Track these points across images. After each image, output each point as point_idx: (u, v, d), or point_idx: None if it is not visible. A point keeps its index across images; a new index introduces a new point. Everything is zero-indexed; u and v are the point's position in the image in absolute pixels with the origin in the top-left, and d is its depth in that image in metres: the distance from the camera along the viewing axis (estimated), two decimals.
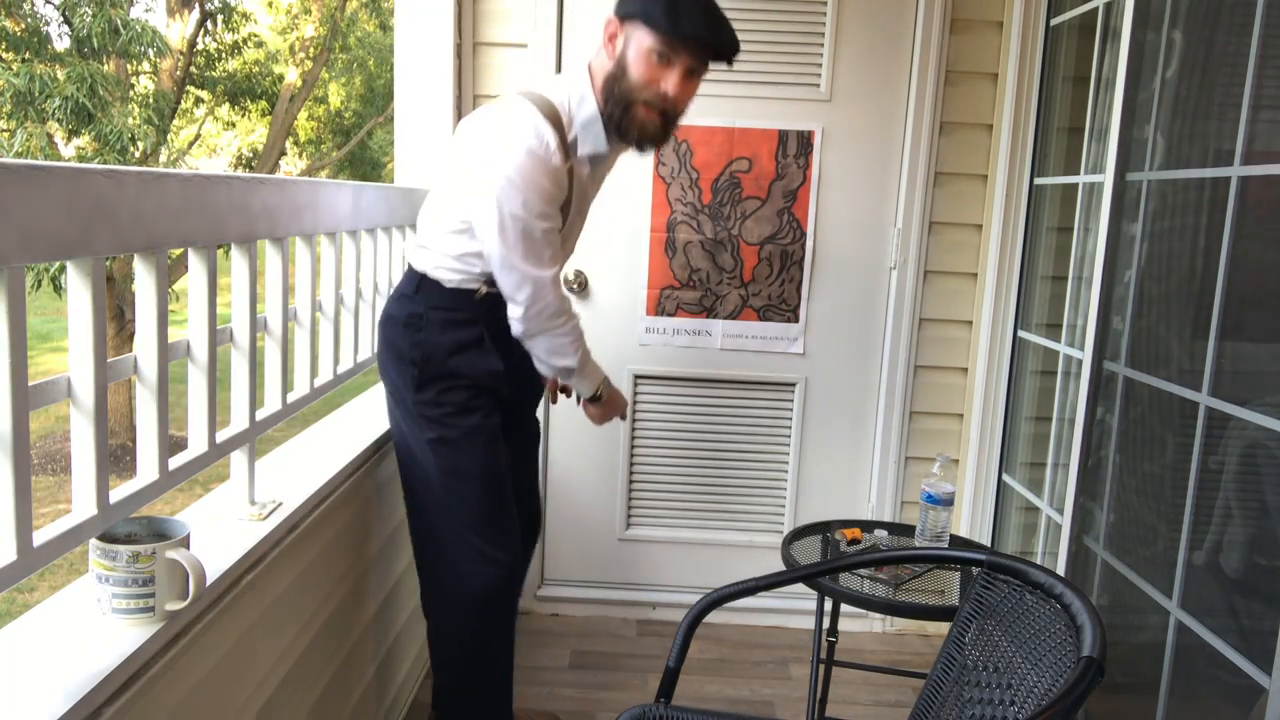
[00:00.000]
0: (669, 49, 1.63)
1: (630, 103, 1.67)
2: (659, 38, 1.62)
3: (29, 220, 0.89)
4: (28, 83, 7.22)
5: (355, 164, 14.18)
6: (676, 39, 1.62)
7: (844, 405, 2.77)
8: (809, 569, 1.66)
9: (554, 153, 1.62)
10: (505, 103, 1.69)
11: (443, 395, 1.76)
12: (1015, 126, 2.51)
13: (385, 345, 1.83)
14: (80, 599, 1.15)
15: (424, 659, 2.46)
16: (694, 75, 1.69)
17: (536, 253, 1.64)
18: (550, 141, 1.62)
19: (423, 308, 1.76)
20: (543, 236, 1.64)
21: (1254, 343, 1.66)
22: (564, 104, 1.69)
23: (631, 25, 1.64)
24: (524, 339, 1.74)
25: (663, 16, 1.60)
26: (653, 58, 1.64)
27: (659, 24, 1.61)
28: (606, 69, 1.69)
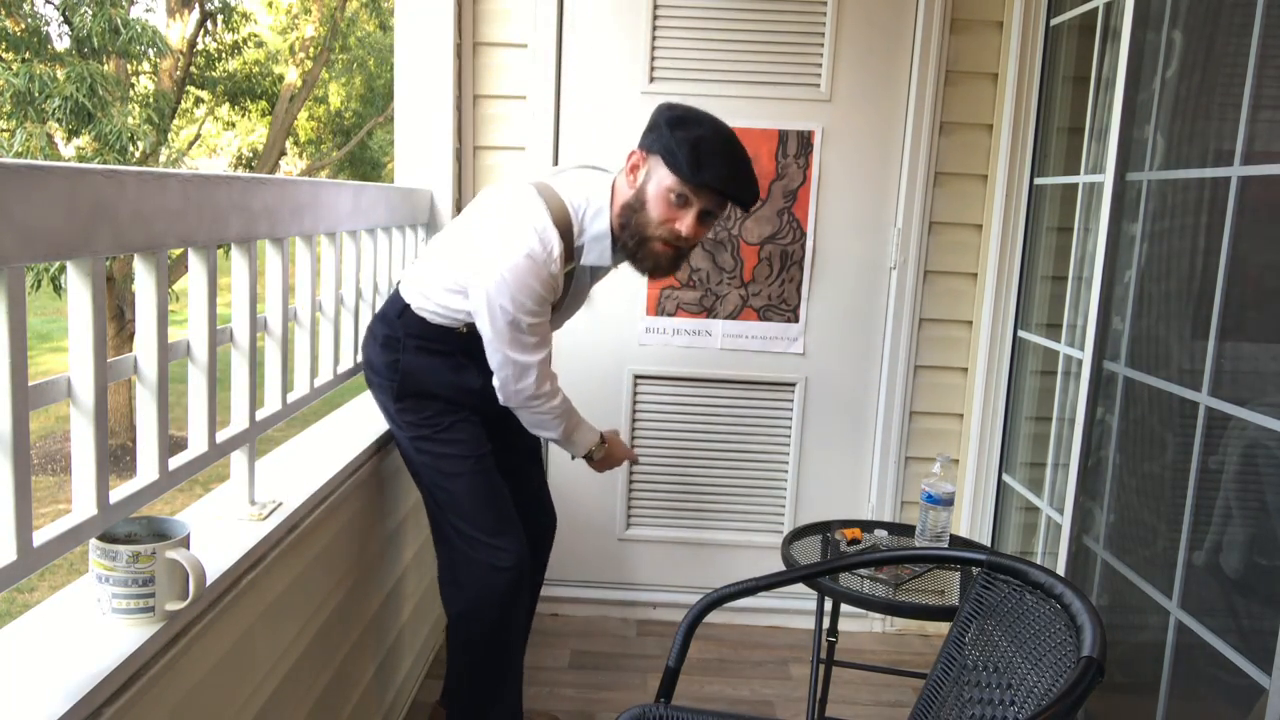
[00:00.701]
0: (689, 193, 1.65)
1: (646, 237, 1.71)
2: (680, 181, 1.64)
3: (29, 220, 0.89)
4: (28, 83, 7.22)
5: (355, 164, 14.18)
6: (697, 186, 1.64)
7: (844, 405, 2.77)
8: (809, 569, 1.66)
9: (553, 261, 1.66)
10: (523, 194, 1.72)
11: (420, 404, 1.84)
12: (1015, 126, 2.51)
13: (365, 359, 1.93)
14: (80, 599, 1.15)
15: (424, 658, 2.46)
16: (710, 217, 1.72)
17: (521, 341, 1.71)
18: (553, 250, 1.66)
19: (400, 334, 1.83)
20: (529, 329, 1.70)
21: (1254, 343, 1.66)
22: (578, 211, 1.73)
23: (655, 161, 1.67)
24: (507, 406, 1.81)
25: (685, 163, 1.62)
26: (671, 197, 1.66)
27: (681, 169, 1.63)
28: (625, 196, 1.72)
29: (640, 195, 1.69)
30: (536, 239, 1.65)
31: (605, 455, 1.96)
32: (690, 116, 1.66)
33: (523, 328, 1.69)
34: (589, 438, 1.91)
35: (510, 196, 1.75)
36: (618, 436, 2.02)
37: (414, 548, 2.31)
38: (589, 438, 1.91)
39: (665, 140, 1.64)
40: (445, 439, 1.84)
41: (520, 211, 1.69)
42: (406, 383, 1.83)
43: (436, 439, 1.84)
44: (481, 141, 2.64)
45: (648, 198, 1.68)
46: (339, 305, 1.93)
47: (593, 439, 1.92)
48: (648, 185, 1.68)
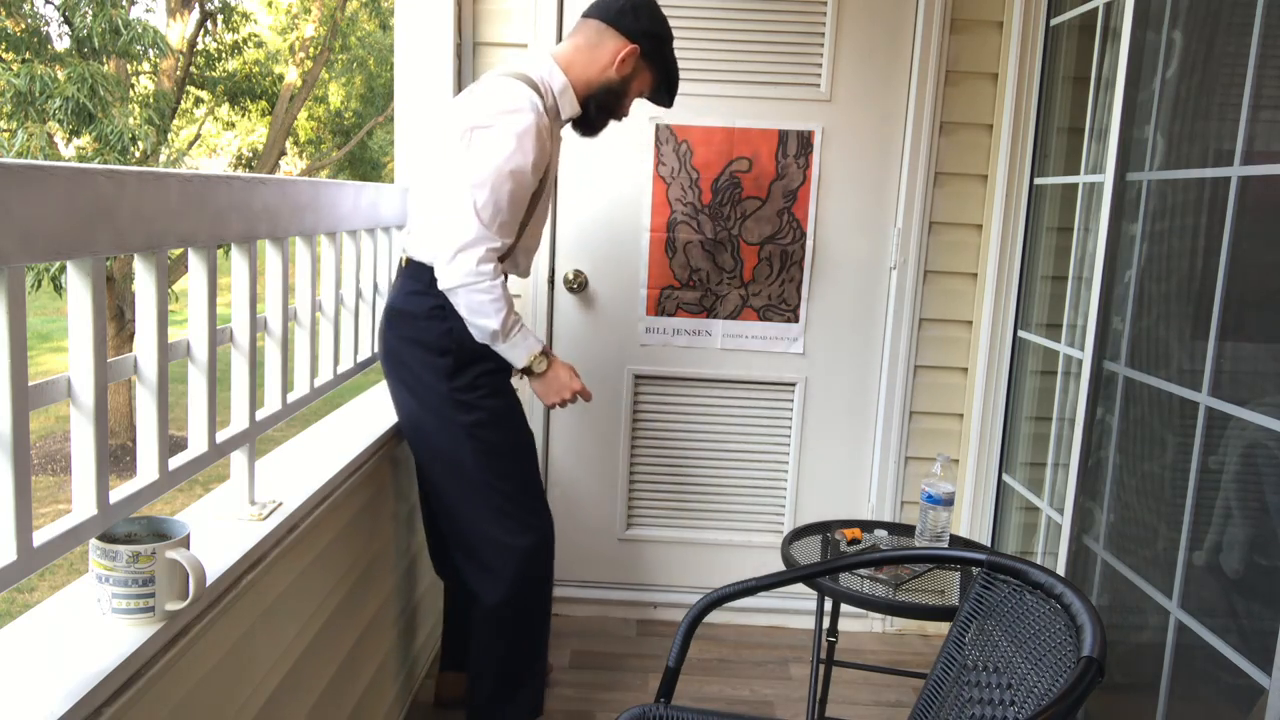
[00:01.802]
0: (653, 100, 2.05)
1: (611, 113, 2.00)
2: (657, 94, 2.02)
3: (29, 220, 0.89)
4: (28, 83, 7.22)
5: (355, 164, 14.18)
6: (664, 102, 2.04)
7: (844, 405, 2.77)
8: (809, 569, 1.66)
9: (542, 114, 1.80)
10: (491, 81, 1.86)
11: (479, 379, 1.88)
12: (1015, 126, 2.51)
13: (405, 341, 1.89)
14: (80, 599, 1.15)
15: (424, 658, 2.46)
16: None
17: (492, 211, 1.75)
18: (539, 104, 1.80)
19: (443, 299, 1.81)
20: (509, 201, 1.77)
21: (1254, 343, 1.66)
22: (540, 78, 1.89)
23: (646, 68, 1.96)
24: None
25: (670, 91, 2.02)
26: (641, 95, 2.02)
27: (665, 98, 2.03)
28: (600, 77, 1.94)
29: (625, 84, 1.95)
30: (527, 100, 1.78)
31: (550, 374, 1.89)
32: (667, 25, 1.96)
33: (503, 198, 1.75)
34: (531, 345, 1.85)
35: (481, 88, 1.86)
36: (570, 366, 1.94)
37: (414, 547, 2.31)
38: (531, 345, 1.85)
39: (663, 57, 1.96)
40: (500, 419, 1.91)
41: (502, 88, 1.82)
42: (464, 351, 1.84)
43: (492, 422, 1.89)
44: None
45: (630, 89, 1.97)
46: (339, 305, 1.93)
47: (535, 348, 1.86)
48: (632, 80, 1.96)
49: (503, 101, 1.79)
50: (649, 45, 1.92)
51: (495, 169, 1.74)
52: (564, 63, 1.92)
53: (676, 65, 2.00)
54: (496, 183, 1.74)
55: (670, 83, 2.00)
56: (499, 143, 1.76)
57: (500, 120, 1.77)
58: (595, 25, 1.92)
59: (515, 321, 1.82)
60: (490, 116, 1.78)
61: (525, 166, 1.76)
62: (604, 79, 1.93)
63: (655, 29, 1.93)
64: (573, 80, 1.92)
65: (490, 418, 1.90)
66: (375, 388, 2.46)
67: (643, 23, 1.91)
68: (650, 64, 1.95)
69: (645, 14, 1.92)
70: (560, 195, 2.67)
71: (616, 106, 1.98)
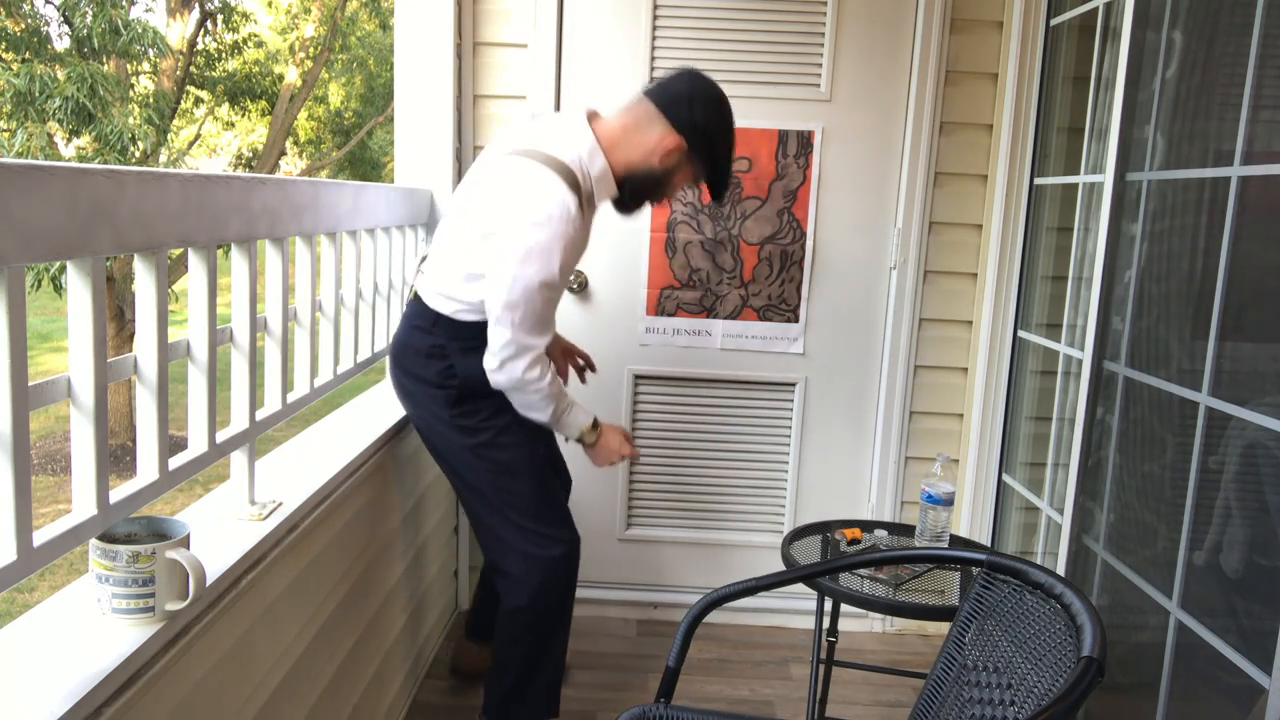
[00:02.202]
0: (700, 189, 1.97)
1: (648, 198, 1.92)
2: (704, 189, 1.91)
3: (29, 220, 0.89)
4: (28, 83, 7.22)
5: (355, 164, 14.18)
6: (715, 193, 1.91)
7: (844, 405, 2.77)
8: (809, 569, 1.66)
9: (575, 218, 1.74)
10: (524, 168, 1.76)
11: (479, 404, 1.89)
12: (1015, 126, 2.51)
13: (409, 375, 1.94)
14: (80, 599, 1.15)
15: (425, 658, 2.46)
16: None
17: (532, 323, 1.75)
18: (572, 208, 1.73)
19: (443, 340, 1.88)
20: (543, 308, 1.76)
21: (1254, 343, 1.66)
22: (576, 161, 1.80)
23: (693, 161, 1.85)
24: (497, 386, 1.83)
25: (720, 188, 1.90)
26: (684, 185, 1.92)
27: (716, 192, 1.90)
28: (642, 163, 1.84)
29: (666, 175, 1.86)
30: (559, 205, 1.72)
31: (600, 443, 1.95)
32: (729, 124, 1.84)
33: (538, 306, 1.74)
34: (580, 420, 1.91)
35: (514, 174, 1.78)
36: (619, 430, 2.01)
37: (414, 547, 2.31)
38: (580, 420, 1.91)
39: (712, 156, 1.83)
40: (507, 441, 1.90)
41: (534, 185, 1.74)
42: (465, 386, 1.87)
43: (499, 442, 1.90)
44: (481, 141, 2.64)
45: (672, 180, 1.88)
46: (339, 305, 1.93)
47: (584, 422, 1.92)
48: (675, 172, 1.86)
49: (534, 211, 1.71)
50: (697, 142, 1.82)
51: (526, 287, 1.72)
52: (607, 141, 1.83)
53: (729, 165, 1.87)
54: (529, 298, 1.73)
55: (716, 183, 1.87)
56: (530, 261, 1.71)
57: (531, 234, 1.71)
58: (647, 108, 1.83)
59: (565, 407, 1.88)
60: (520, 227, 1.72)
61: (556, 278, 1.74)
62: (645, 165, 1.84)
63: (708, 126, 1.81)
64: (613, 161, 1.84)
65: (495, 437, 1.90)
66: (375, 388, 2.46)
67: (696, 117, 1.79)
68: (697, 160, 1.85)
69: (701, 108, 1.80)
70: None
71: (655, 193, 1.90)
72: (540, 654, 2.02)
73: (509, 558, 1.96)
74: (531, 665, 2.02)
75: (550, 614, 1.99)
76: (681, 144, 1.81)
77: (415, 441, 2.25)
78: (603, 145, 1.83)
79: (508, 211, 1.75)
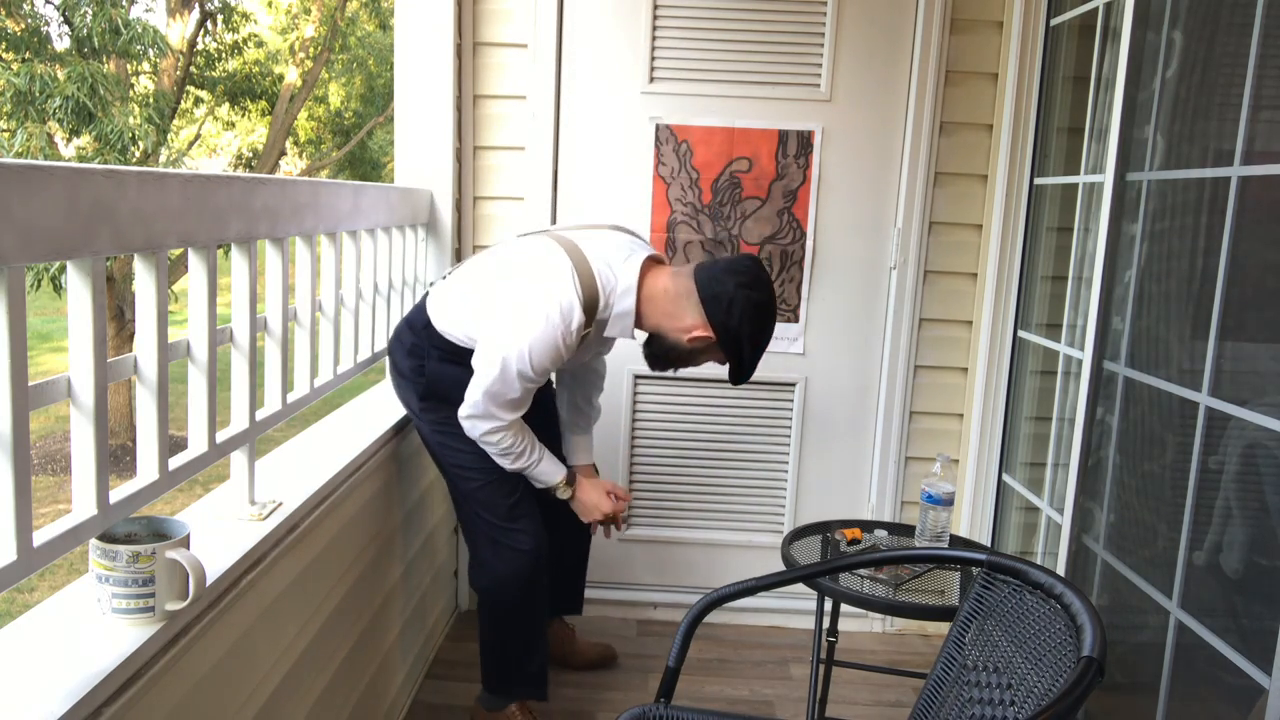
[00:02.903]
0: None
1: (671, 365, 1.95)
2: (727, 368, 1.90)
3: (29, 220, 0.89)
4: (28, 82, 7.22)
5: (355, 164, 14.18)
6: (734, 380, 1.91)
7: (844, 405, 2.77)
8: (809, 569, 1.66)
9: (571, 333, 1.79)
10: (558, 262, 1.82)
11: (440, 405, 1.99)
12: (1015, 126, 2.51)
13: (392, 360, 2.08)
14: (80, 599, 1.15)
15: (424, 659, 2.46)
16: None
17: (506, 397, 1.84)
18: (573, 323, 1.78)
19: (425, 344, 1.99)
20: (520, 394, 1.84)
21: (1254, 343, 1.66)
22: (606, 287, 1.85)
23: (719, 352, 1.86)
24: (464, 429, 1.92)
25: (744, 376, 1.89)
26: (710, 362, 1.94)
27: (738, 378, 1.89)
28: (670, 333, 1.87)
29: (691, 354, 1.89)
30: (559, 312, 1.77)
31: (577, 498, 2.07)
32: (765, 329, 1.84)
33: (515, 391, 1.83)
34: (549, 479, 2.01)
35: (543, 257, 1.85)
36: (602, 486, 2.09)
37: (414, 547, 2.31)
38: (549, 479, 2.01)
39: (740, 353, 1.83)
40: (465, 445, 1.96)
41: (550, 277, 1.80)
42: (431, 387, 2.00)
43: (457, 444, 1.98)
44: (481, 141, 2.64)
45: (696, 358, 1.91)
46: (339, 305, 1.93)
47: (554, 479, 2.01)
48: (700, 351, 1.88)
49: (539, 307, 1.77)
50: (727, 342, 1.83)
51: (502, 368, 1.80)
52: (647, 293, 1.86)
53: (756, 358, 1.87)
54: (504, 378, 1.81)
55: (740, 371, 1.88)
56: (511, 346, 1.78)
57: (522, 324, 1.78)
58: (689, 288, 1.82)
59: (530, 463, 1.97)
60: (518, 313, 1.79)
61: (531, 373, 1.80)
62: (673, 338, 1.87)
63: (739, 332, 1.81)
64: (646, 313, 1.87)
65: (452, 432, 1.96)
66: (375, 388, 2.46)
67: (731, 320, 1.80)
68: (723, 352, 1.87)
69: (738, 313, 1.79)
70: (560, 194, 2.67)
71: (678, 363, 1.94)
72: (516, 638, 2.10)
73: (476, 541, 2.08)
74: (511, 646, 2.11)
75: (517, 604, 2.07)
76: (711, 338, 1.83)
77: (416, 441, 2.25)
78: (642, 294, 1.86)
79: (520, 289, 1.83)
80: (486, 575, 2.07)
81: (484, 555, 2.06)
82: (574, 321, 1.78)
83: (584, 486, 2.07)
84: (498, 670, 2.14)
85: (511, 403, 1.85)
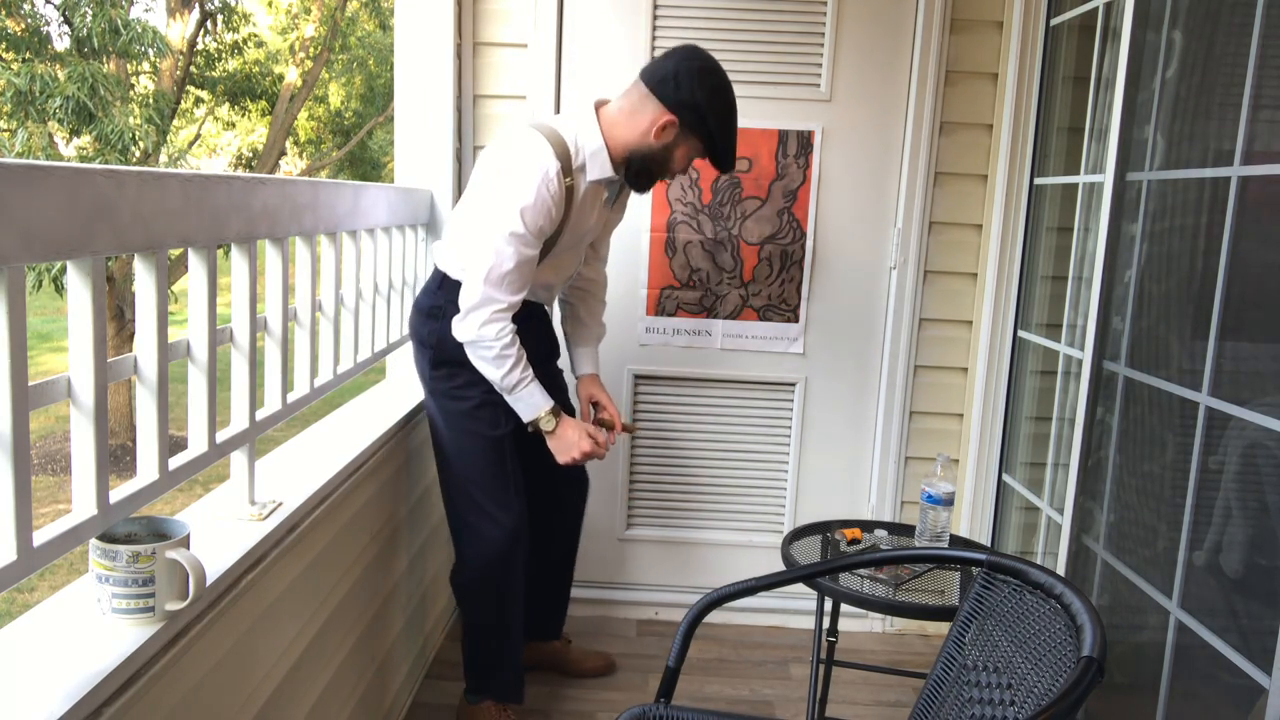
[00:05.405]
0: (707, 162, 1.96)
1: (653, 175, 1.97)
2: (708, 159, 1.94)
3: (29, 220, 0.89)
4: (29, 82, 7.22)
5: (355, 164, 14.18)
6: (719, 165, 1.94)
7: (844, 405, 2.77)
8: (809, 569, 1.66)
9: (553, 180, 1.83)
10: (520, 133, 1.91)
11: (452, 372, 2.00)
12: (1015, 126, 2.51)
13: (411, 330, 2.11)
14: (80, 599, 1.15)
15: (424, 659, 2.46)
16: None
17: (499, 275, 1.83)
18: (551, 171, 1.83)
19: (443, 301, 1.99)
20: (515, 264, 1.84)
21: (1254, 343, 1.66)
22: (570, 135, 1.90)
23: (689, 135, 1.90)
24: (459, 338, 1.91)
25: (723, 157, 1.92)
26: (690, 159, 1.97)
27: (719, 163, 1.93)
28: (640, 143, 1.91)
29: (666, 152, 1.92)
30: (535, 165, 1.83)
31: (558, 433, 1.97)
32: (720, 93, 1.87)
33: (508, 261, 1.82)
34: (537, 402, 1.94)
35: (509, 138, 1.94)
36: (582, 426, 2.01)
37: (413, 547, 2.31)
38: (537, 402, 1.94)
39: (706, 124, 1.87)
40: (470, 411, 2.00)
41: (519, 145, 1.88)
42: (442, 350, 1.98)
43: (463, 410, 2.01)
44: (481, 141, 2.64)
45: (674, 156, 1.93)
46: (339, 305, 1.93)
47: (542, 405, 1.94)
48: (675, 148, 1.91)
49: (515, 165, 1.84)
50: (689, 117, 1.86)
51: (499, 235, 1.82)
52: (606, 123, 1.92)
53: (726, 134, 1.90)
54: (500, 248, 1.82)
55: (717, 153, 1.92)
56: (503, 211, 1.82)
57: (504, 188, 1.84)
58: (640, 89, 1.89)
59: (521, 380, 1.91)
60: (502, 180, 1.86)
61: (524, 231, 1.82)
62: (643, 145, 1.91)
63: (697, 100, 1.85)
64: (612, 142, 1.92)
65: (459, 407, 2.01)
66: (375, 387, 2.46)
67: (684, 94, 1.84)
68: (693, 134, 1.89)
69: (688, 84, 1.84)
70: None
71: (658, 170, 1.96)
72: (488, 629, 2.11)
73: (458, 524, 2.10)
74: (490, 636, 2.12)
75: (492, 591, 2.08)
76: (673, 120, 1.87)
77: (415, 441, 2.25)
78: (602, 127, 1.92)
79: (493, 166, 1.91)
80: (463, 559, 2.09)
81: (460, 544, 2.09)
82: (552, 169, 1.82)
83: (568, 422, 1.98)
84: (473, 664, 2.16)
85: (508, 277, 1.83)
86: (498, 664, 2.14)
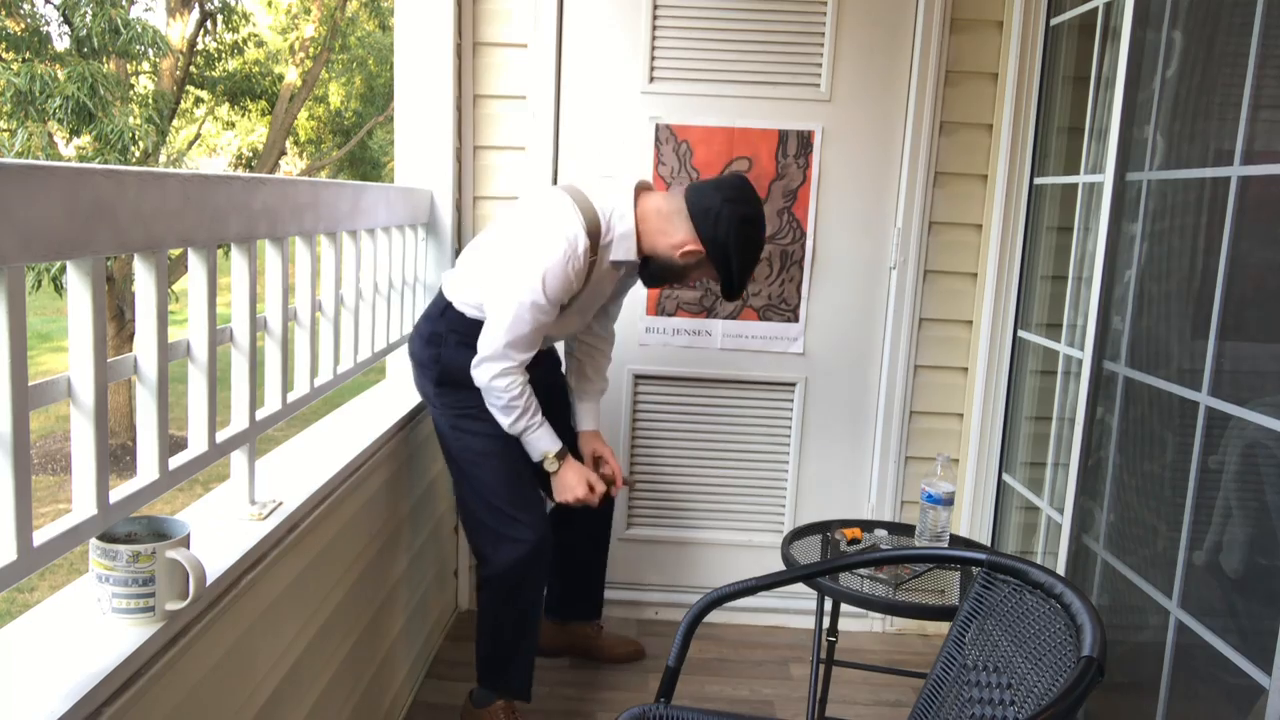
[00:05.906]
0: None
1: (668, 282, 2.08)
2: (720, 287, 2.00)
3: (29, 220, 0.89)
4: (28, 82, 7.22)
5: (355, 164, 14.18)
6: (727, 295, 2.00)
7: (844, 405, 2.77)
8: (809, 569, 1.66)
9: (579, 257, 1.89)
10: (554, 196, 1.96)
11: (457, 392, 2.03)
12: (1015, 126, 2.51)
13: (410, 354, 2.14)
14: (80, 599, 1.15)
15: (424, 659, 2.46)
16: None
17: (514, 335, 1.91)
18: (579, 246, 1.88)
19: (444, 329, 2.05)
20: (531, 329, 1.91)
21: (1254, 343, 1.66)
22: (604, 212, 1.95)
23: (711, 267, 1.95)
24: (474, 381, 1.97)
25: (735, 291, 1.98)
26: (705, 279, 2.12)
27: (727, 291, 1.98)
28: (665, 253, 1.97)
29: (686, 270, 2.00)
30: (564, 238, 1.87)
31: (559, 475, 2.06)
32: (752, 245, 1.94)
33: (526, 320, 1.89)
34: (543, 446, 2.03)
35: (544, 199, 1.98)
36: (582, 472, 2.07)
37: (413, 547, 2.31)
38: (543, 446, 2.03)
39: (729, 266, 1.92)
40: (478, 428, 2.03)
41: (553, 211, 1.93)
42: (446, 373, 2.04)
43: (471, 427, 2.04)
44: (481, 141, 2.64)
45: (691, 274, 2.02)
46: (339, 305, 1.93)
47: (548, 449, 2.03)
48: (695, 270, 1.99)
49: (545, 231, 1.89)
50: (716, 254, 1.92)
51: (517, 302, 1.88)
52: (640, 213, 1.96)
53: (744, 276, 1.96)
54: (518, 313, 1.89)
55: (731, 287, 1.97)
56: (526, 275, 1.87)
57: (535, 252, 1.88)
58: (681, 206, 1.93)
59: (528, 427, 2.00)
60: (530, 241, 1.90)
61: (543, 301, 1.88)
62: (666, 255, 1.97)
63: (729, 245, 1.90)
64: (641, 232, 1.97)
65: (465, 425, 2.04)
66: (375, 388, 2.46)
67: (719, 233, 1.89)
68: (715, 268, 1.95)
69: (725, 228, 1.89)
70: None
71: (673, 279, 2.05)
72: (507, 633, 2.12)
73: (479, 533, 2.10)
74: (501, 642, 2.13)
75: (512, 597, 2.09)
76: (701, 252, 1.93)
77: (417, 441, 2.25)
78: (637, 215, 1.97)
79: (523, 221, 1.96)
80: (487, 567, 2.10)
81: (485, 550, 2.09)
82: (580, 246, 1.87)
83: (570, 465, 2.07)
84: (487, 665, 2.16)
85: (523, 339, 1.91)
86: (513, 658, 2.15)
